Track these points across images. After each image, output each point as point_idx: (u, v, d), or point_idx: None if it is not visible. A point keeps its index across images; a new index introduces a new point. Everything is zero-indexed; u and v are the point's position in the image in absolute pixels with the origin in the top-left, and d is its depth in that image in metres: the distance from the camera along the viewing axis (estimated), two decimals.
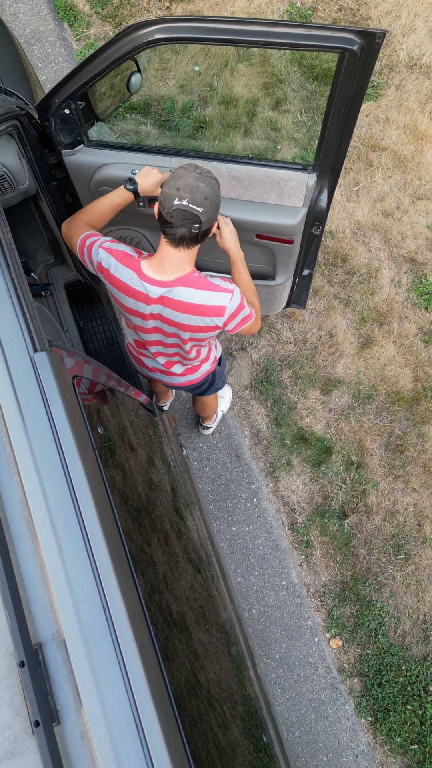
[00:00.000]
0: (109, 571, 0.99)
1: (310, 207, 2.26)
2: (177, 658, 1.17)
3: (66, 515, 1.01)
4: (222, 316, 1.91)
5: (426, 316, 3.56)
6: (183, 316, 1.92)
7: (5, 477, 1.03)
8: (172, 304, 1.91)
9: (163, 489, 1.82)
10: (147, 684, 0.92)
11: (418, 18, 4.10)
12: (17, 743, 0.87)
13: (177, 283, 1.87)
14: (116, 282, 1.95)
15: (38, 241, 2.77)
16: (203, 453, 3.36)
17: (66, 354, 1.31)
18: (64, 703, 0.89)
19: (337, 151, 2.07)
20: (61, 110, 2.11)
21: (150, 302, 1.93)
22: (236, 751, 1.41)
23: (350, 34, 1.70)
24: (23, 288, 1.25)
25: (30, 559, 0.97)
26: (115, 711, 0.89)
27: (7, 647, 0.92)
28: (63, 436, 1.08)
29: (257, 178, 2.18)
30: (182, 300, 1.89)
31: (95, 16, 4.25)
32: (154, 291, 1.89)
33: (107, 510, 1.08)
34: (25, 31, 4.16)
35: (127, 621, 0.95)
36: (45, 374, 1.13)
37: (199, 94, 3.94)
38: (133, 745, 0.88)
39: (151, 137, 3.89)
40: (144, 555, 1.24)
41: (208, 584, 1.91)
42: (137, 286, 1.91)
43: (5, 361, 1.13)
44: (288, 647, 3.06)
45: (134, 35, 1.83)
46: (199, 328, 1.96)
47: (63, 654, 0.92)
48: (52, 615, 0.94)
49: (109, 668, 0.92)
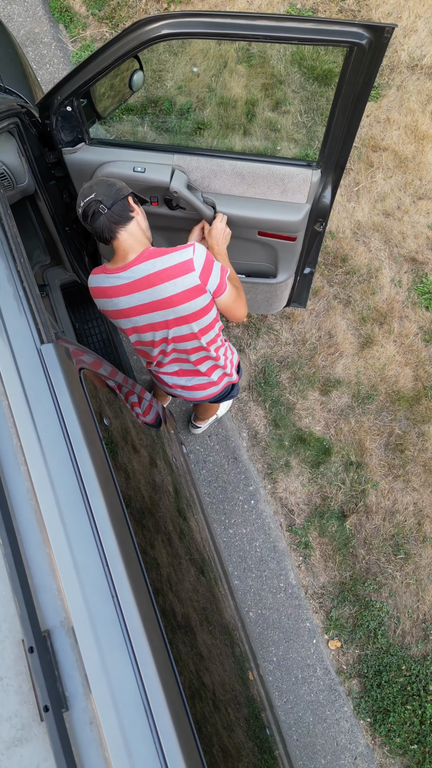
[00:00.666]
0: (117, 559, 0.99)
1: (314, 203, 2.25)
2: (181, 660, 1.16)
3: (73, 504, 1.01)
4: (194, 270, 1.91)
5: (426, 316, 3.55)
6: (159, 289, 1.93)
7: (13, 467, 1.03)
8: (144, 284, 1.94)
9: (166, 489, 1.81)
10: (156, 670, 0.92)
11: (419, 19, 4.11)
12: (25, 730, 0.86)
13: (135, 261, 1.94)
14: (92, 291, 2.07)
15: (34, 241, 2.75)
16: (200, 455, 3.34)
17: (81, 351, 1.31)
18: (72, 690, 0.89)
19: (342, 147, 2.06)
20: (63, 108, 2.09)
21: (121, 292, 1.98)
22: (241, 752, 1.39)
23: (359, 28, 1.69)
24: (29, 281, 1.24)
25: (38, 548, 0.98)
26: (124, 697, 0.89)
27: (16, 634, 0.91)
28: (70, 426, 1.08)
29: (261, 175, 2.16)
30: (148, 273, 1.92)
31: (92, 17, 4.23)
32: (122, 276, 1.95)
33: (114, 498, 1.09)
34: (19, 32, 4.14)
35: (135, 608, 0.96)
36: (52, 366, 1.13)
37: (198, 96, 3.93)
38: (142, 731, 0.88)
39: (149, 138, 3.87)
40: (147, 557, 1.23)
41: (210, 585, 1.90)
42: (106, 282, 2.00)
43: (12, 353, 1.14)
44: (286, 649, 3.04)
45: (140, 31, 1.82)
46: (186, 297, 1.95)
47: (71, 641, 0.92)
48: (60, 602, 0.94)
49: (118, 654, 0.91)
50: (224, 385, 2.40)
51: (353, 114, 1.94)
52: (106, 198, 1.87)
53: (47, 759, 0.84)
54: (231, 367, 2.38)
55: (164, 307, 1.98)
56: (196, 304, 1.98)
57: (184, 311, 1.99)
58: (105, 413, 1.34)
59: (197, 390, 2.38)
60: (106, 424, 1.28)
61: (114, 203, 1.88)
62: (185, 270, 1.91)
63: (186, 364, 2.25)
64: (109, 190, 1.88)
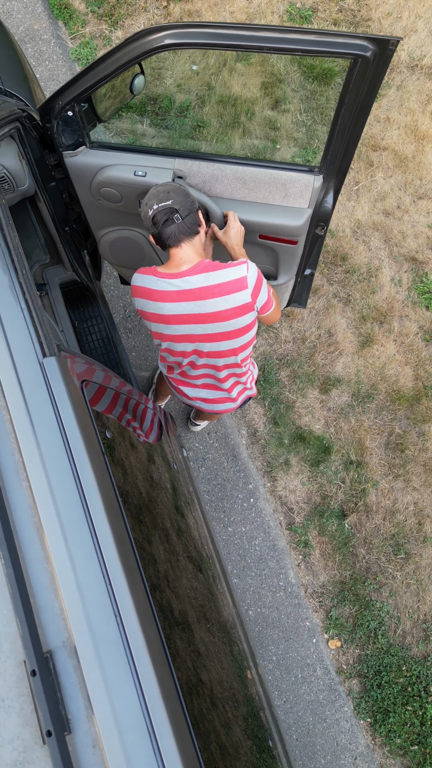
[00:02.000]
0: (120, 578, 0.97)
1: (316, 208, 2.24)
2: (179, 657, 1.15)
3: (76, 522, 1.00)
4: (247, 288, 1.93)
5: (426, 315, 3.55)
6: (209, 303, 1.94)
7: (15, 484, 1.02)
8: (195, 295, 1.94)
9: (164, 488, 1.80)
10: (159, 691, 0.91)
11: (419, 19, 4.10)
12: (27, 753, 0.85)
13: (190, 272, 1.93)
14: (135, 290, 2.04)
15: (34, 240, 2.75)
16: (199, 453, 3.33)
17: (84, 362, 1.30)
18: (75, 712, 0.87)
19: (344, 154, 2.06)
20: (65, 112, 2.10)
21: (168, 298, 1.97)
22: (239, 751, 1.38)
23: (363, 41, 1.68)
24: (32, 293, 1.24)
25: (40, 566, 0.96)
26: (128, 719, 0.88)
27: (18, 655, 0.90)
28: (73, 441, 1.07)
29: (262, 180, 2.16)
30: (200, 286, 1.93)
31: (91, 14, 4.22)
32: (173, 283, 1.95)
33: (117, 516, 1.07)
34: (18, 29, 4.13)
35: (138, 628, 0.94)
36: (54, 379, 1.12)
37: (197, 94, 3.92)
38: (146, 754, 0.86)
39: (147, 136, 3.86)
40: (145, 554, 1.22)
41: (209, 583, 1.89)
42: (155, 285, 1.98)
43: (14, 366, 1.13)
44: (286, 649, 3.03)
45: (144, 40, 1.83)
46: (235, 313, 1.96)
47: (74, 661, 0.90)
48: (62, 622, 0.93)
49: (121, 675, 0.90)
50: (242, 400, 2.43)
51: (356, 123, 1.94)
52: (182, 208, 1.88)
53: None
54: (251, 381, 2.40)
55: (210, 321, 1.98)
56: (243, 321, 2.00)
57: (230, 327, 2.00)
58: (107, 426, 1.33)
59: (217, 403, 2.40)
60: (108, 437, 1.27)
61: (188, 214, 1.90)
62: (239, 287, 1.92)
63: (212, 379, 2.27)
64: (186, 200, 1.90)
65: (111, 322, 3.13)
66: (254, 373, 2.42)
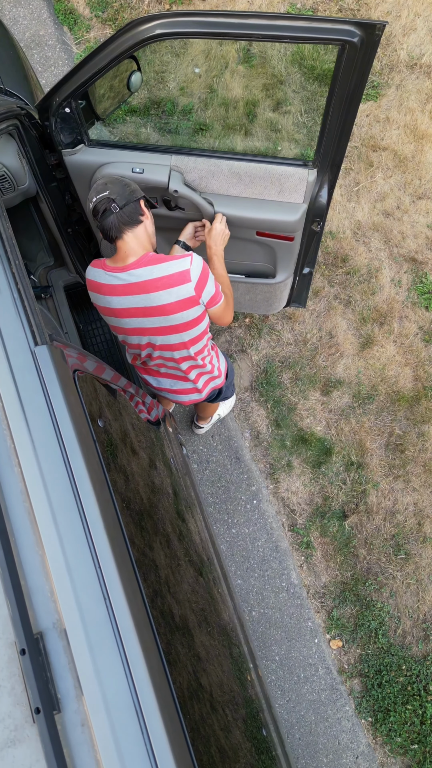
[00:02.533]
0: (110, 561, 0.99)
1: (311, 203, 2.25)
2: (179, 662, 1.17)
3: (66, 506, 1.01)
4: (189, 281, 1.93)
5: (426, 316, 3.56)
6: (153, 296, 1.95)
7: (6, 469, 1.04)
8: (139, 288, 1.95)
9: (165, 491, 1.82)
10: (147, 672, 0.92)
11: (419, 18, 4.10)
12: (18, 731, 0.87)
13: (134, 265, 1.95)
14: (88, 283, 2.08)
15: (38, 243, 2.77)
16: (203, 455, 3.36)
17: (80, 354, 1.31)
18: (64, 691, 0.89)
19: (337, 146, 2.07)
20: (62, 109, 2.11)
21: (115, 292, 1.99)
22: (238, 753, 1.40)
23: (350, 26, 1.70)
24: (24, 282, 1.25)
25: (31, 550, 0.98)
26: (116, 698, 0.89)
27: (8, 636, 0.92)
28: (64, 428, 1.08)
29: (258, 175, 2.17)
30: (145, 279, 1.94)
31: (95, 19, 4.24)
32: (118, 277, 1.97)
33: (107, 501, 1.09)
34: (24, 35, 4.16)
35: (127, 610, 0.96)
36: (46, 367, 1.13)
37: (200, 96, 3.93)
38: (134, 733, 0.88)
39: (151, 139, 3.88)
40: (146, 558, 1.24)
41: (209, 586, 1.91)
42: (102, 279, 2.00)
43: (6, 354, 1.14)
44: (288, 649, 3.06)
45: (135, 31, 1.83)
46: (179, 306, 1.97)
47: (64, 643, 0.92)
48: (52, 604, 0.94)
49: (110, 656, 0.92)
50: (209, 390, 2.42)
51: (347, 112, 1.95)
52: (119, 197, 1.88)
53: (39, 760, 0.85)
54: (219, 372, 2.39)
55: (156, 314, 1.99)
56: (189, 315, 2.00)
57: (176, 320, 2.00)
58: (100, 414, 1.35)
59: (182, 394, 2.40)
60: (100, 426, 1.29)
61: (126, 204, 1.90)
62: (181, 280, 1.92)
63: (174, 370, 2.27)
64: (124, 190, 1.90)
65: None
66: (219, 364, 2.40)
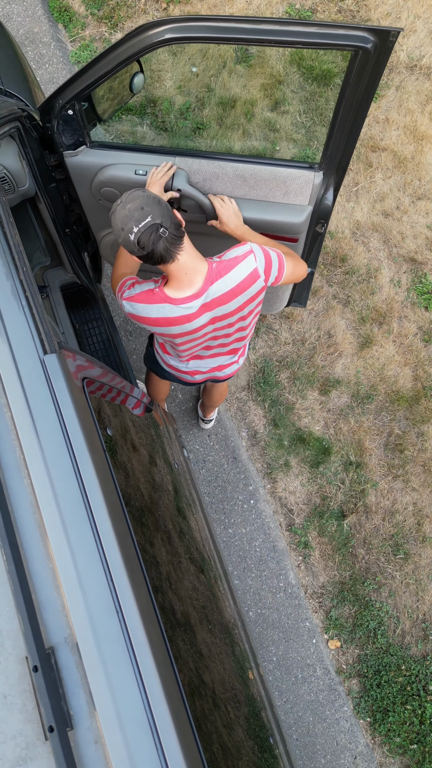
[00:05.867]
0: (122, 574, 0.98)
1: (316, 205, 2.25)
2: (181, 658, 1.16)
3: (77, 518, 1.00)
4: (260, 277, 1.91)
5: (426, 316, 3.56)
6: (232, 304, 1.93)
7: (16, 481, 1.02)
8: (217, 303, 1.92)
9: (166, 489, 1.81)
10: (161, 687, 0.91)
11: (418, 19, 4.11)
12: (30, 749, 0.85)
13: (206, 285, 1.87)
14: (152, 321, 1.96)
15: (34, 243, 2.75)
16: (200, 455, 3.34)
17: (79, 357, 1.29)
18: (77, 708, 0.88)
19: (344, 149, 2.06)
20: (65, 111, 2.09)
21: (193, 318, 1.93)
22: (241, 751, 1.39)
23: (364, 32, 1.68)
24: (32, 290, 1.24)
25: (42, 563, 0.97)
26: (129, 715, 0.88)
27: (20, 651, 0.91)
28: (74, 438, 1.07)
29: (263, 177, 2.16)
30: (222, 293, 1.89)
31: (91, 17, 4.22)
32: (194, 305, 1.90)
33: (119, 512, 1.08)
34: (18, 32, 4.13)
35: (140, 623, 0.94)
36: (55, 376, 1.12)
37: (197, 96, 3.93)
38: (148, 750, 0.86)
39: (148, 139, 3.87)
40: (147, 555, 1.23)
41: (210, 584, 1.90)
42: (176, 312, 1.91)
43: (15, 363, 1.13)
44: (286, 649, 3.05)
45: (144, 35, 1.81)
46: (251, 299, 1.96)
47: (76, 658, 0.91)
48: (64, 619, 0.93)
49: (123, 671, 0.90)
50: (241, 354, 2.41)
51: (356, 117, 1.94)
52: (164, 218, 1.71)
53: None
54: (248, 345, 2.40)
55: (230, 316, 1.98)
56: (258, 299, 2.00)
57: (247, 309, 2.00)
58: (109, 422, 1.33)
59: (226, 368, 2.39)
60: (109, 434, 1.28)
61: (171, 221, 1.73)
62: (253, 280, 1.91)
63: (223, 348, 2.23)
64: (161, 208, 1.71)
65: (112, 325, 3.14)
66: None
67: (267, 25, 1.71)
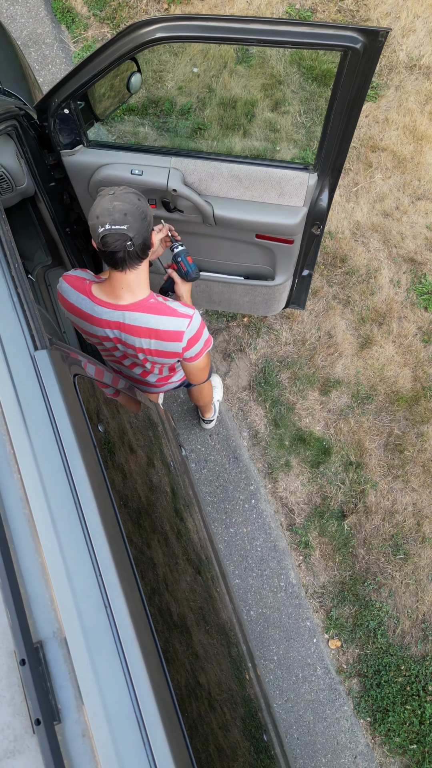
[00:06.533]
0: (111, 569, 0.98)
1: (311, 207, 2.25)
2: (177, 660, 1.17)
3: (67, 513, 1.00)
4: (180, 341, 1.89)
5: (425, 316, 3.56)
6: (141, 341, 1.91)
7: (6, 475, 1.02)
8: (129, 330, 1.89)
9: (163, 490, 1.82)
10: (149, 681, 0.91)
11: (418, 19, 4.10)
12: (17, 742, 0.86)
13: (132, 308, 1.85)
14: (68, 305, 1.96)
15: (36, 242, 2.77)
16: (201, 454, 3.35)
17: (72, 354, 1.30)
18: (65, 702, 0.88)
19: (338, 150, 2.07)
20: (61, 110, 2.11)
21: (104, 326, 1.92)
22: (237, 752, 1.40)
23: (353, 32, 1.69)
24: (23, 286, 1.24)
25: (30, 557, 0.97)
26: (117, 709, 0.88)
27: (8, 645, 0.91)
28: (64, 434, 1.07)
29: (258, 178, 2.17)
30: (138, 325, 1.86)
31: (93, 18, 4.24)
32: (107, 314, 1.88)
33: (108, 507, 1.08)
34: (22, 33, 4.15)
35: (128, 618, 0.95)
36: (46, 372, 1.12)
37: (198, 96, 3.94)
38: (135, 743, 0.87)
39: (149, 139, 3.88)
40: (144, 556, 1.24)
41: (208, 585, 1.90)
42: (89, 309, 1.90)
43: (5, 359, 1.13)
44: (286, 648, 3.05)
45: (135, 34, 1.82)
46: (158, 353, 1.95)
47: (64, 652, 0.91)
48: (52, 613, 0.93)
49: (111, 666, 0.91)
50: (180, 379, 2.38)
51: (349, 117, 1.95)
52: (137, 236, 1.68)
53: None
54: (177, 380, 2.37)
55: (138, 351, 1.97)
56: (166, 360, 2.01)
57: (152, 359, 2.00)
58: (101, 419, 1.34)
59: (150, 386, 2.36)
60: (100, 431, 1.28)
61: (141, 241, 1.71)
62: (173, 338, 1.89)
63: (131, 374, 2.25)
64: (142, 225, 1.69)
65: None
66: None
67: (257, 25, 1.72)
